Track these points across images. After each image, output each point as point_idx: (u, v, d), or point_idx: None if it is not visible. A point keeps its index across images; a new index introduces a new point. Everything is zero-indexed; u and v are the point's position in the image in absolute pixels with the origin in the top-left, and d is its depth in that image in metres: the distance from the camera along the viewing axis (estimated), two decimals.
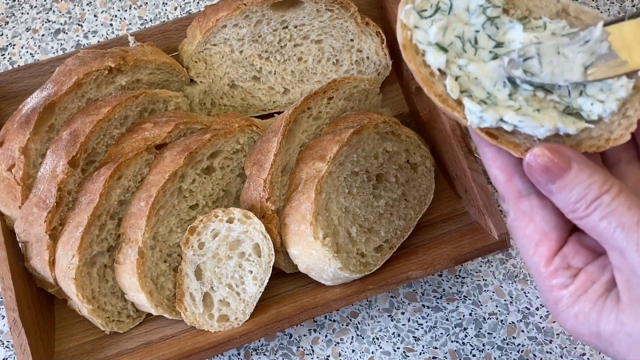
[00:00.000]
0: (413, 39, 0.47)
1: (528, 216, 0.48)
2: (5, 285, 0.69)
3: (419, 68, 0.47)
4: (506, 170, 0.48)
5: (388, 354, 0.76)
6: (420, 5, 0.48)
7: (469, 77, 0.47)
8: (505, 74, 0.47)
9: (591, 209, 0.43)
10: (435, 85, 0.47)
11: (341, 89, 0.76)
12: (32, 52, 0.95)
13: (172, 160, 0.71)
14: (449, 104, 0.46)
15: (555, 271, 0.46)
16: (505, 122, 0.45)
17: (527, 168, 0.45)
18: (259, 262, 0.70)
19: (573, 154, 0.45)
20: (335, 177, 0.70)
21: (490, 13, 0.48)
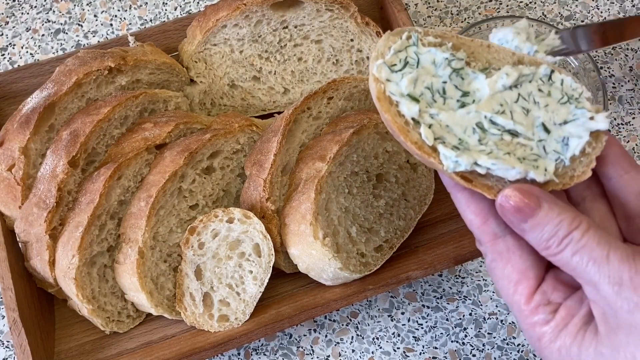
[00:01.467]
0: (386, 91, 0.50)
1: (505, 257, 0.49)
2: (5, 285, 0.69)
3: (394, 118, 0.49)
4: (480, 213, 0.50)
5: (388, 354, 0.76)
6: (390, 60, 0.51)
7: (441, 125, 0.50)
8: (473, 122, 0.50)
9: (563, 245, 0.45)
10: (411, 134, 0.49)
11: (341, 89, 0.76)
12: (32, 52, 0.95)
13: (172, 160, 0.71)
14: (424, 150, 0.48)
15: (536, 308, 0.48)
16: (478, 166, 0.48)
17: (499, 209, 0.47)
18: (259, 262, 0.70)
19: (542, 193, 0.47)
20: (335, 177, 0.70)
21: (454, 65, 0.52)
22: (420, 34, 0.52)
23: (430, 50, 0.52)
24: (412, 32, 0.53)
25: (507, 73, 0.51)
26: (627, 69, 0.91)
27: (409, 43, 0.52)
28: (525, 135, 0.50)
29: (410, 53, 0.52)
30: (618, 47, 0.92)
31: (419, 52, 0.52)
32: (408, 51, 0.52)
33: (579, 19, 0.94)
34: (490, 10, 0.95)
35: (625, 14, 0.94)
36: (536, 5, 0.95)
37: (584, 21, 0.94)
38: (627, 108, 0.88)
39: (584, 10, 0.95)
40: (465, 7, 0.95)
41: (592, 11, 0.95)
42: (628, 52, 0.92)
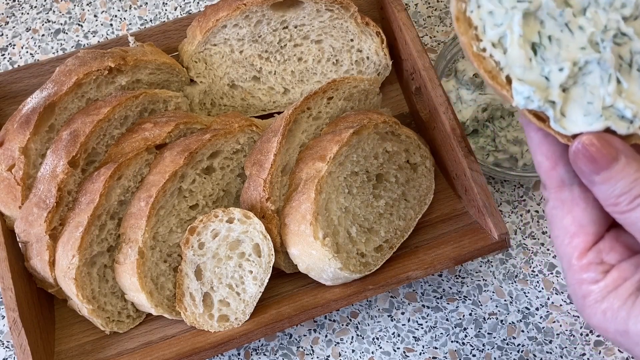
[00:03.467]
0: (467, 11, 0.46)
1: (567, 206, 0.47)
2: (5, 285, 0.69)
3: (471, 42, 0.46)
4: (551, 157, 0.47)
5: (388, 354, 0.76)
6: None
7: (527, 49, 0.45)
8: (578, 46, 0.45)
9: (634, 204, 0.43)
10: (486, 61, 0.45)
11: (341, 89, 0.76)
12: (32, 52, 0.95)
13: (172, 160, 0.71)
14: (498, 81, 0.45)
15: (588, 265, 0.46)
16: (554, 107, 0.44)
17: (572, 156, 0.44)
18: (259, 262, 0.70)
19: (622, 146, 0.43)
20: (335, 177, 0.70)
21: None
22: None
23: None
24: None
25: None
26: None
27: None
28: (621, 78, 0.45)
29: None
30: None
31: None
32: None
33: None
34: None
35: None
36: None
37: None
38: None
39: None
40: None
41: None
42: None
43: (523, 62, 0.45)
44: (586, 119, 0.44)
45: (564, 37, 0.46)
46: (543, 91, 0.44)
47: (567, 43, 0.46)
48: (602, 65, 0.45)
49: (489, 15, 0.46)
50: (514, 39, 0.45)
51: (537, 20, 0.46)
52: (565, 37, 0.46)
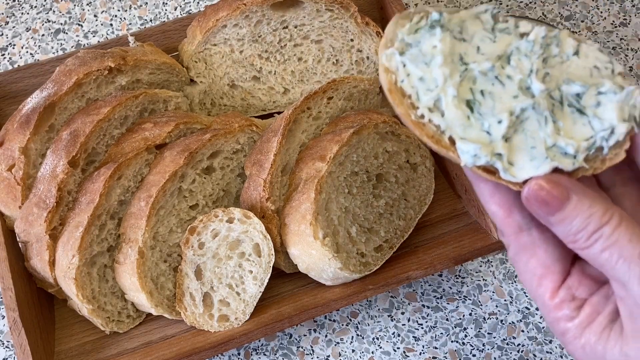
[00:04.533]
0: (398, 82, 0.46)
1: (529, 250, 0.47)
2: (5, 285, 0.69)
3: (408, 111, 0.46)
4: (504, 205, 0.47)
5: (388, 354, 0.76)
6: (400, 47, 0.47)
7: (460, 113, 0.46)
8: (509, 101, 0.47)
9: (592, 240, 0.43)
10: (426, 127, 0.46)
11: (341, 89, 0.76)
12: (32, 52, 0.95)
13: (172, 160, 0.71)
14: (442, 144, 0.45)
15: (561, 303, 0.46)
16: (501, 160, 0.45)
17: (525, 202, 0.44)
18: (259, 262, 0.70)
19: (571, 184, 0.44)
20: (335, 177, 0.70)
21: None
22: (433, 13, 0.48)
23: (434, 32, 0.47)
24: (423, 13, 0.48)
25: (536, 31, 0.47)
26: (627, 69, 0.91)
27: (419, 25, 0.48)
28: (555, 116, 0.46)
29: (422, 36, 0.47)
30: (618, 47, 0.92)
31: (426, 34, 0.47)
32: (419, 34, 0.48)
33: (579, 19, 0.94)
34: None
35: (625, 14, 0.94)
36: (536, 5, 0.95)
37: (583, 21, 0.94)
38: None
39: (583, 10, 0.95)
40: (465, 7, 0.96)
41: (592, 11, 0.95)
42: (628, 52, 0.92)
43: (462, 121, 0.45)
44: (533, 164, 0.45)
45: (495, 89, 0.46)
46: (487, 146, 0.45)
47: (500, 94, 0.46)
48: (536, 110, 0.46)
49: (420, 81, 0.46)
50: (448, 100, 0.45)
51: (468, 78, 0.47)
52: (497, 89, 0.47)
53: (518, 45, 0.48)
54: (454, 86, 0.46)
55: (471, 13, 0.49)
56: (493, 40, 0.48)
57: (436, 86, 0.46)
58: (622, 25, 0.93)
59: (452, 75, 0.46)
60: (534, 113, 0.46)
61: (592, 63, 0.48)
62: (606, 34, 0.93)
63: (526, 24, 0.49)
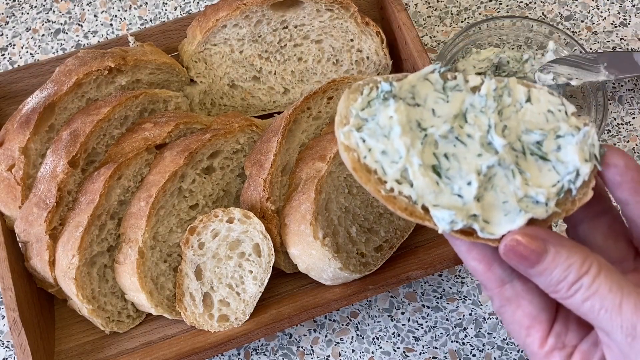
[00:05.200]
0: (361, 159, 0.46)
1: (514, 302, 0.47)
2: (5, 285, 0.69)
3: (377, 187, 0.45)
4: (483, 259, 0.47)
5: (388, 354, 0.76)
6: (356, 123, 0.46)
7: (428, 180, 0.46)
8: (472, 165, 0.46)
9: (572, 290, 0.43)
10: (398, 200, 0.45)
11: (341, 88, 0.76)
12: (32, 52, 0.95)
13: (172, 160, 0.71)
14: (417, 215, 0.45)
15: (551, 352, 0.46)
16: (477, 221, 0.44)
17: (504, 257, 0.44)
18: (259, 262, 0.70)
19: (548, 235, 0.44)
20: (335, 177, 0.70)
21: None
22: (380, 83, 0.47)
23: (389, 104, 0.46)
24: (372, 84, 0.47)
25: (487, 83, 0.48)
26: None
27: (371, 97, 0.47)
28: (523, 169, 0.46)
29: (376, 109, 0.47)
30: (618, 47, 0.92)
31: (380, 106, 0.47)
32: (373, 108, 0.47)
33: (579, 19, 0.94)
34: (490, 10, 0.95)
35: (625, 14, 0.94)
36: (536, 5, 0.95)
37: (583, 21, 0.94)
38: (627, 108, 0.88)
39: (583, 10, 0.95)
40: (465, 7, 0.96)
41: (592, 11, 0.95)
42: None
43: (431, 188, 0.45)
44: (508, 218, 0.45)
45: (458, 150, 0.46)
46: (461, 210, 0.44)
47: (464, 155, 0.46)
48: (502, 165, 0.45)
49: (383, 155, 0.45)
50: (415, 170, 0.45)
51: (429, 144, 0.46)
52: (460, 149, 0.46)
53: (472, 102, 0.48)
54: (417, 155, 0.45)
55: (419, 76, 0.48)
56: (446, 100, 0.48)
57: (400, 157, 0.45)
58: (622, 25, 0.93)
59: (413, 144, 0.45)
60: (501, 168, 0.46)
61: (545, 107, 0.48)
62: (606, 34, 0.93)
63: (475, 78, 0.49)
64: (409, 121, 0.46)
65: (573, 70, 0.82)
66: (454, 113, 0.47)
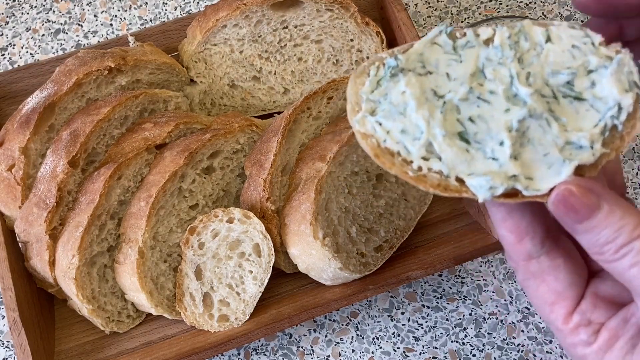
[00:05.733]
0: (380, 143, 0.43)
1: (539, 277, 0.45)
2: (5, 285, 0.69)
3: (404, 169, 0.42)
4: (516, 230, 0.45)
5: (388, 354, 0.76)
6: (368, 108, 0.44)
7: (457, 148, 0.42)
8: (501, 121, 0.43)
9: (620, 254, 0.41)
10: (429, 178, 0.42)
11: (341, 88, 0.76)
12: (32, 52, 0.95)
13: (172, 160, 0.71)
14: (452, 189, 0.42)
15: (576, 328, 0.44)
16: (519, 181, 0.41)
17: (552, 207, 0.42)
18: (259, 262, 0.70)
19: (603, 191, 0.41)
20: (335, 177, 0.70)
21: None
22: (387, 58, 0.44)
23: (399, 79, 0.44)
24: (377, 62, 0.45)
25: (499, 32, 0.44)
26: None
27: (379, 77, 0.45)
28: (557, 114, 0.42)
29: (386, 88, 0.44)
30: None
31: (389, 84, 0.44)
32: (382, 88, 0.44)
33: (579, 18, 0.94)
34: (490, 10, 0.95)
35: None
36: (536, 5, 0.95)
37: (583, 21, 0.94)
38: None
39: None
40: (465, 7, 0.96)
41: None
42: None
43: (462, 157, 0.42)
44: (552, 170, 0.42)
45: (483, 110, 0.43)
46: (499, 173, 0.41)
47: (490, 114, 0.43)
48: (534, 116, 0.42)
49: (403, 134, 0.43)
50: (439, 142, 0.42)
51: (450, 110, 0.43)
52: (484, 109, 0.43)
53: (487, 55, 0.45)
54: (439, 125, 0.42)
55: (425, 41, 0.45)
56: (459, 60, 0.45)
57: (421, 132, 0.43)
58: None
59: (432, 115, 0.43)
60: (533, 120, 0.42)
61: (568, 44, 0.44)
62: None
63: (486, 30, 0.46)
64: (424, 92, 0.44)
65: None
66: (470, 72, 0.44)
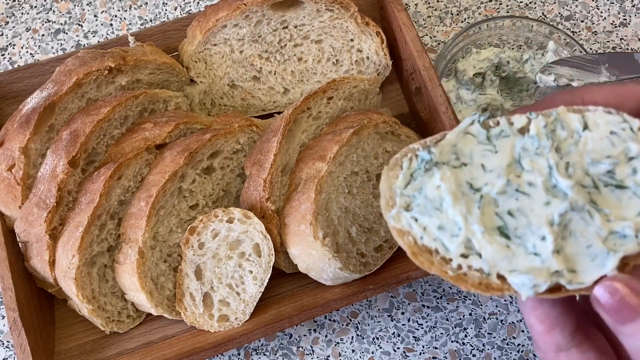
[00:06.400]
0: (417, 241, 0.41)
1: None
2: (5, 285, 0.69)
3: (443, 268, 0.40)
4: (546, 321, 0.42)
5: (388, 354, 0.76)
6: (403, 203, 0.42)
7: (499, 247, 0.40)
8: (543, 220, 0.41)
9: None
10: (469, 277, 0.40)
11: (341, 88, 0.76)
12: (32, 52, 0.95)
13: (172, 160, 0.71)
14: (494, 287, 0.40)
15: None
16: (562, 277, 0.39)
17: (595, 303, 0.39)
18: (259, 262, 0.70)
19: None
20: (335, 177, 0.70)
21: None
22: (425, 149, 0.42)
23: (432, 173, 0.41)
24: (410, 154, 0.43)
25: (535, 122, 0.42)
26: None
27: (412, 170, 0.43)
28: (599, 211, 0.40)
29: (420, 182, 0.42)
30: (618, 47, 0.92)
31: (424, 178, 0.42)
32: (417, 182, 0.42)
33: (579, 19, 0.94)
34: (490, 10, 0.95)
35: (625, 14, 0.94)
36: (536, 5, 0.95)
37: (583, 21, 0.94)
38: None
39: (583, 10, 0.95)
40: (465, 7, 0.96)
41: (592, 11, 0.95)
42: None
43: (503, 253, 0.40)
44: (596, 263, 0.40)
45: (522, 203, 0.41)
46: (541, 270, 0.39)
47: (530, 207, 0.41)
48: (575, 208, 0.41)
49: (440, 230, 0.41)
50: (479, 238, 0.40)
51: (488, 204, 0.41)
52: (523, 202, 0.41)
53: (523, 145, 0.43)
54: (477, 221, 0.40)
55: (458, 132, 0.44)
56: (494, 150, 0.43)
57: (459, 229, 0.41)
58: (622, 25, 0.93)
59: (470, 210, 0.41)
60: (575, 213, 0.40)
61: (606, 130, 0.42)
62: (606, 34, 0.93)
63: (520, 118, 0.44)
64: (459, 186, 0.42)
65: (574, 72, 0.82)
66: (507, 163, 0.42)
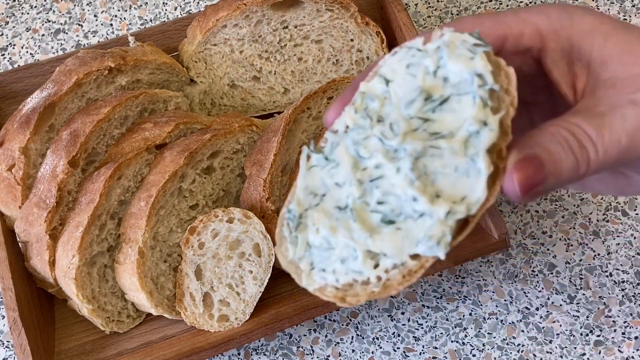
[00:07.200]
0: (338, 286, 0.43)
1: None
2: (5, 285, 0.69)
3: (369, 291, 0.42)
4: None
5: (388, 354, 0.76)
6: (305, 265, 0.44)
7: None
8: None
9: (606, 143, 0.40)
10: (393, 279, 0.42)
11: (341, 88, 0.76)
12: (32, 52, 0.95)
13: (172, 160, 0.71)
14: (416, 271, 0.42)
15: None
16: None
17: (514, 196, 0.41)
18: (259, 262, 0.70)
19: (526, 144, 0.41)
20: None
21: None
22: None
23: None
24: (282, 223, 0.44)
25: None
26: None
27: (293, 233, 0.44)
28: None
29: (301, 238, 0.44)
30: None
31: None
32: (299, 239, 0.44)
33: None
34: (491, 11, 0.95)
35: (625, 14, 0.94)
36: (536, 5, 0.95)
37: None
38: None
39: None
40: (465, 7, 0.96)
41: None
42: None
43: (399, 237, 0.41)
44: (473, 175, 0.42)
45: (383, 187, 0.42)
46: (435, 225, 0.40)
47: (390, 183, 0.42)
48: (420, 153, 0.42)
49: (344, 263, 0.42)
50: (372, 242, 0.42)
51: (361, 210, 0.42)
52: (383, 185, 0.42)
53: (352, 140, 0.43)
54: (361, 231, 0.42)
55: (303, 174, 0.45)
56: (336, 164, 0.44)
57: (354, 249, 0.42)
58: None
59: (350, 228, 0.42)
60: (424, 158, 0.42)
61: (403, 68, 0.44)
62: None
63: (338, 121, 0.45)
64: (330, 216, 0.43)
65: None
66: (350, 166, 0.43)
